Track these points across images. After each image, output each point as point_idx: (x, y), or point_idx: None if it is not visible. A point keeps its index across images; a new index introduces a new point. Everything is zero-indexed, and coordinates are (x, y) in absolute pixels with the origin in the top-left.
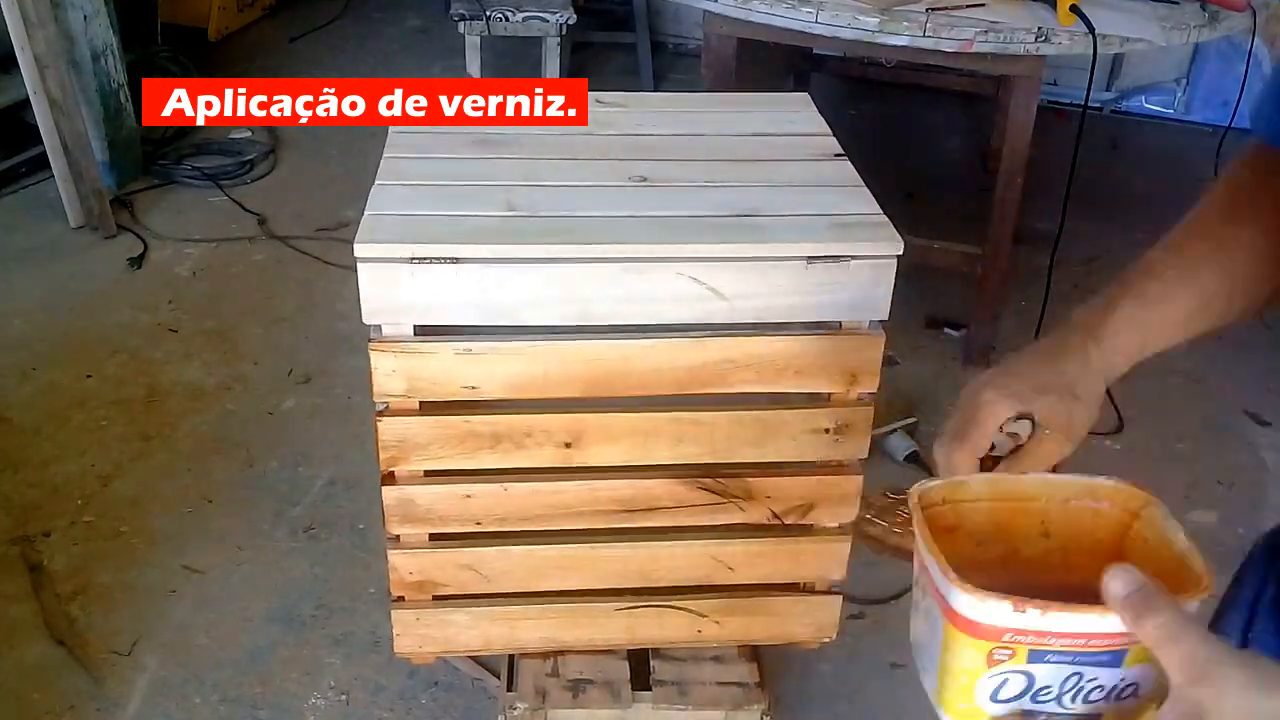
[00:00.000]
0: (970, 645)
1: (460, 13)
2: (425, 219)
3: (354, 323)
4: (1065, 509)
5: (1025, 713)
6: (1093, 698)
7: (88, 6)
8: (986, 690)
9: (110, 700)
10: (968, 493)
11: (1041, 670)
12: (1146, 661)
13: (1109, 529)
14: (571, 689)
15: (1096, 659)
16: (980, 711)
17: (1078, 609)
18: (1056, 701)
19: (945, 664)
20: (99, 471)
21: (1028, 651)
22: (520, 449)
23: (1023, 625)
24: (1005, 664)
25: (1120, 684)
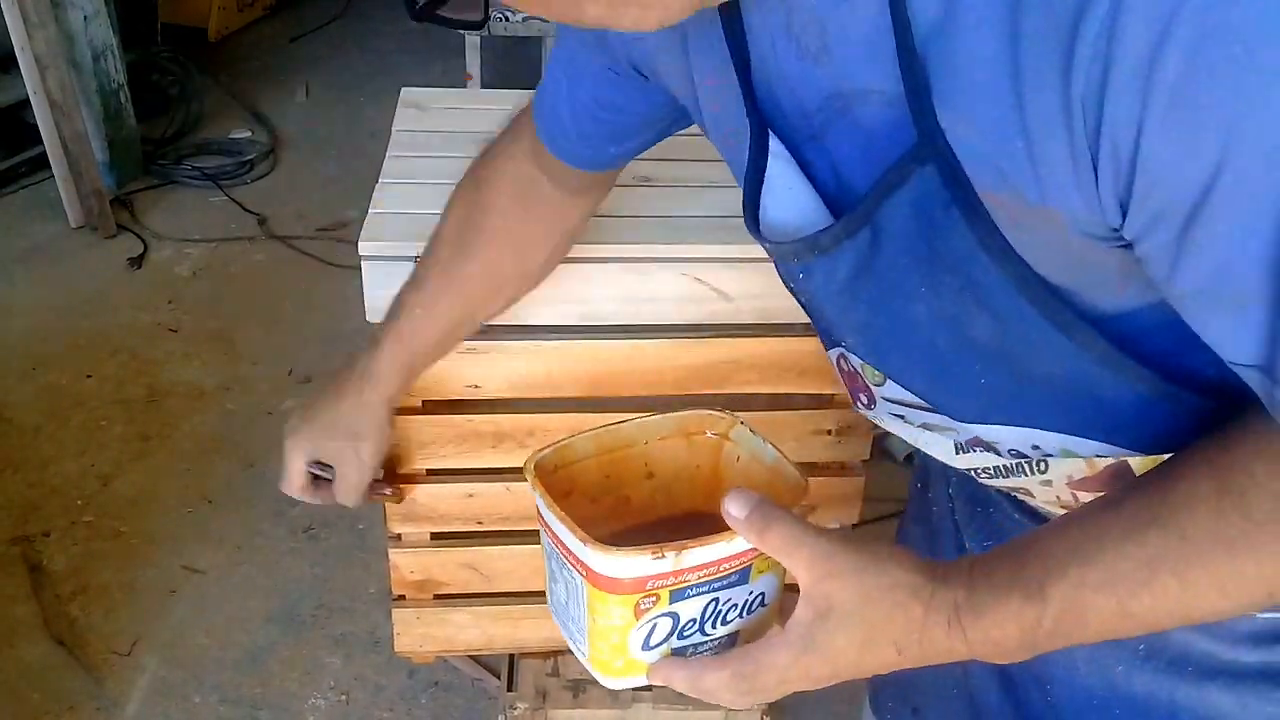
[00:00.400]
0: (617, 603)
1: None
2: (429, 218)
3: (354, 323)
4: (662, 446)
5: (675, 650)
6: (729, 618)
7: (88, 6)
8: (638, 641)
9: (110, 700)
10: (574, 453)
11: (684, 607)
12: (768, 571)
13: (705, 456)
14: (572, 689)
15: (729, 582)
16: (635, 663)
17: (709, 540)
18: (700, 631)
19: (594, 628)
20: (99, 471)
21: (670, 593)
22: (523, 448)
23: (662, 570)
24: (651, 611)
25: (750, 598)
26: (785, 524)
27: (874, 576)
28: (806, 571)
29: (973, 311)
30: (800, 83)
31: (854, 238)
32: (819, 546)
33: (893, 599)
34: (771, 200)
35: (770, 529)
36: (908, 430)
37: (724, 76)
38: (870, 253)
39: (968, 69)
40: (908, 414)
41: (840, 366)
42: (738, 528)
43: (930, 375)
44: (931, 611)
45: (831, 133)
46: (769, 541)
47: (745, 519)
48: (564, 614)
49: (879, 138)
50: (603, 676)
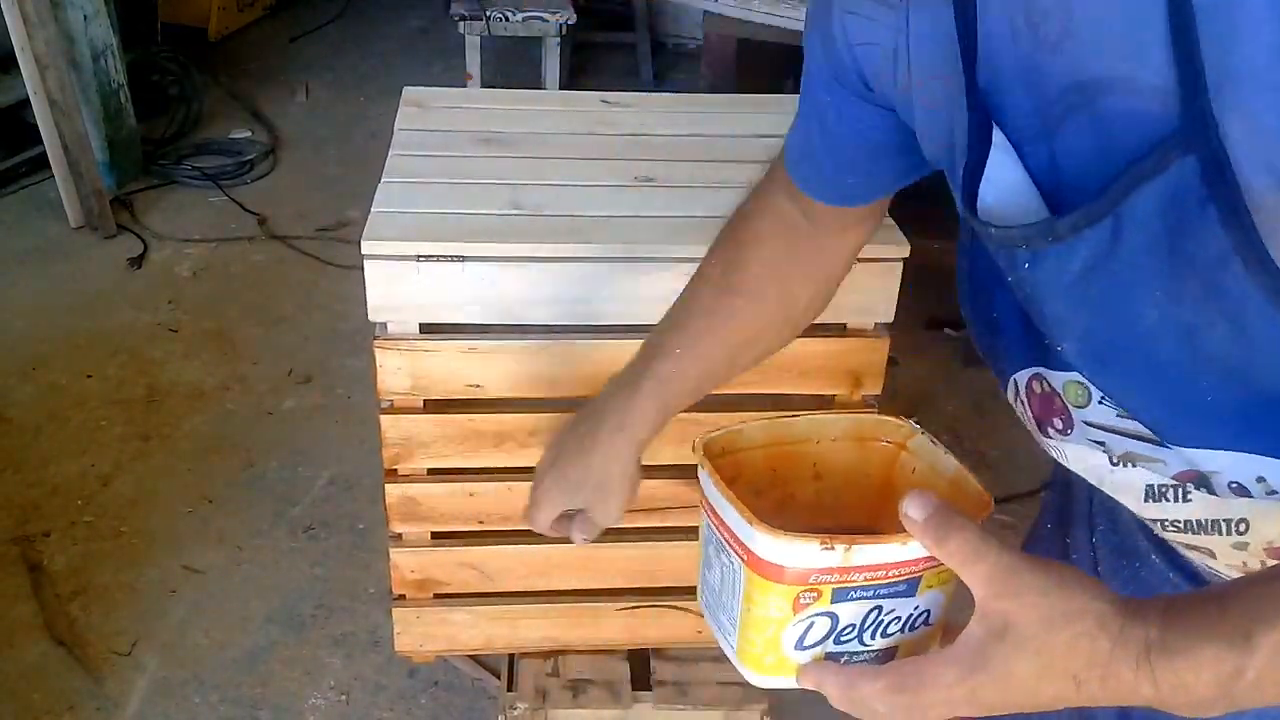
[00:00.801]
0: (776, 593)
1: (460, 13)
2: (431, 217)
3: (354, 322)
4: (834, 449)
5: (828, 654)
6: (890, 631)
7: (88, 6)
8: (793, 638)
9: (110, 700)
10: (744, 440)
11: (845, 609)
12: (937, 587)
13: (877, 464)
14: (572, 689)
15: (895, 590)
16: (787, 661)
17: (881, 540)
18: (858, 639)
19: (748, 619)
20: (99, 471)
21: (832, 591)
22: (524, 448)
23: (829, 564)
24: (811, 608)
25: (914, 613)
26: (967, 533)
27: (1060, 600)
28: (985, 586)
29: (1214, 321)
30: (1035, 74)
31: (1094, 227)
32: (1002, 561)
33: (1078, 627)
34: (988, 189)
35: (951, 537)
36: (1099, 464)
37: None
38: (1109, 247)
39: (1249, 55)
40: (1110, 441)
41: (1031, 389)
42: (915, 531)
43: (1152, 390)
44: (1120, 646)
45: (1066, 127)
46: (948, 550)
47: (924, 522)
48: (716, 604)
49: (1126, 130)
50: (750, 673)
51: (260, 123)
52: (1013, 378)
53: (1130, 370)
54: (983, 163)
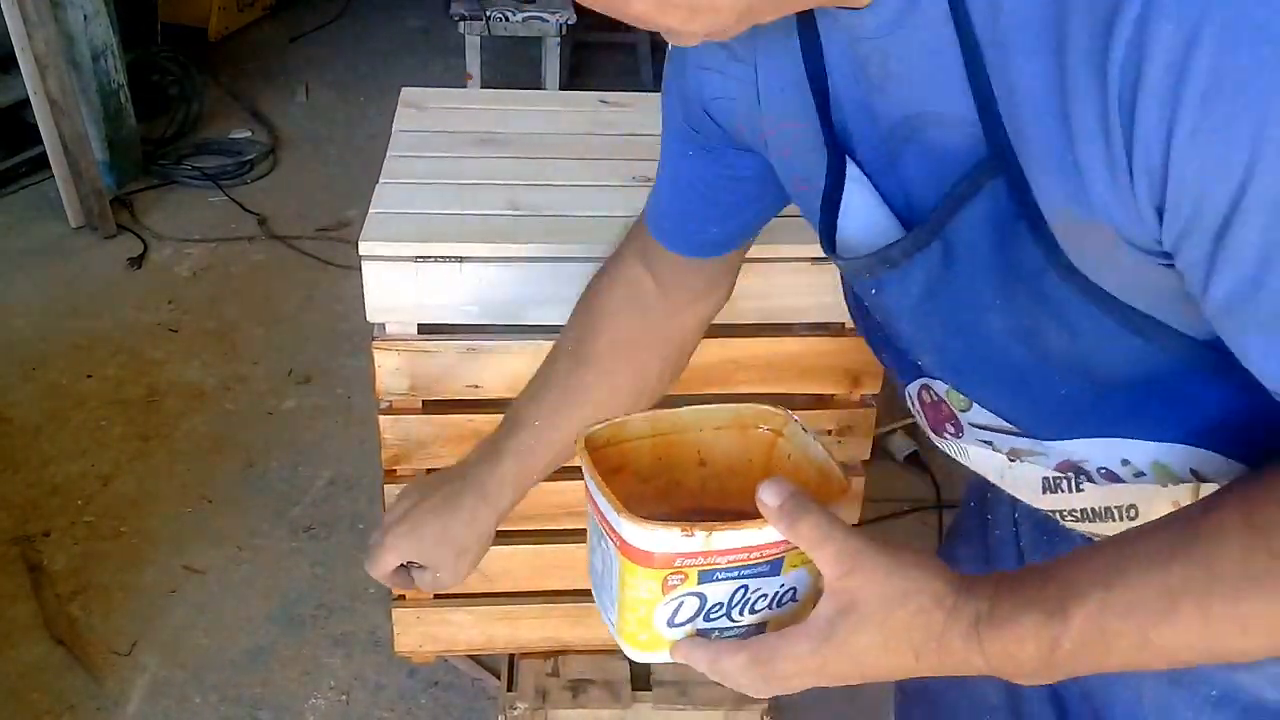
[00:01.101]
0: (646, 576)
1: (460, 13)
2: (429, 218)
3: (354, 323)
4: (716, 435)
5: (700, 631)
6: (758, 607)
7: (88, 6)
8: (664, 616)
9: (110, 700)
10: (630, 432)
11: (712, 589)
12: (801, 566)
13: (758, 450)
14: (572, 689)
15: (759, 570)
16: (659, 638)
17: (739, 525)
18: (726, 616)
19: (623, 599)
20: (99, 471)
21: (698, 573)
22: None
23: (691, 549)
24: (679, 589)
25: (780, 590)
26: (816, 517)
27: (899, 580)
28: (832, 566)
29: (1046, 324)
30: (870, 113)
31: (925, 251)
32: (848, 543)
33: (915, 604)
34: (848, 221)
35: (801, 520)
36: (995, 462)
37: (800, 118)
38: (942, 266)
39: (1023, 84)
40: (995, 440)
41: (922, 399)
42: (769, 516)
43: (1010, 391)
44: (952, 621)
45: (903, 158)
46: (799, 532)
47: (778, 508)
48: (599, 584)
49: (949, 158)
50: (628, 648)
51: (260, 123)
52: (906, 389)
53: (986, 376)
54: (838, 197)
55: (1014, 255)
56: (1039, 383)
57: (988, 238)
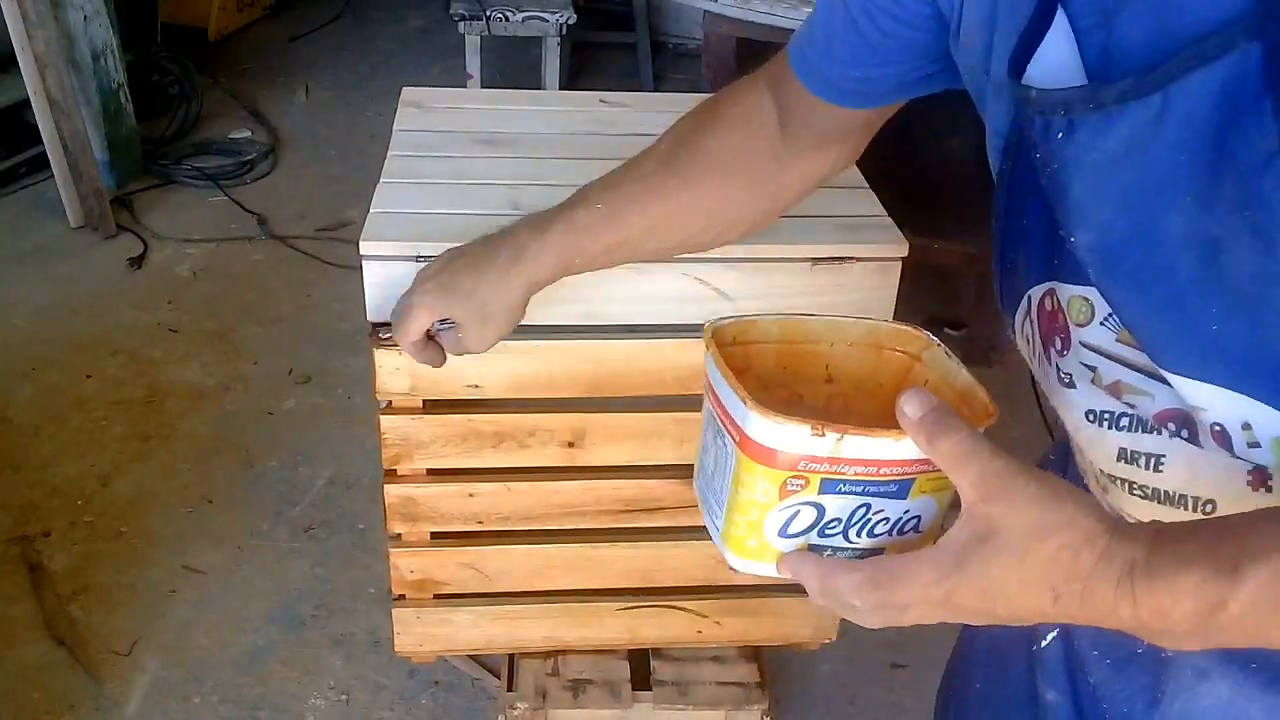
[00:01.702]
0: (764, 475)
1: (460, 13)
2: (430, 217)
3: (354, 322)
4: (848, 353)
5: (812, 546)
6: (877, 531)
7: (87, 6)
8: (776, 524)
9: (110, 700)
10: (756, 333)
11: (832, 501)
12: (929, 494)
13: (891, 372)
14: (572, 689)
15: (885, 489)
16: (768, 547)
17: (873, 432)
18: (843, 535)
19: (735, 500)
20: (99, 472)
21: (820, 481)
22: (523, 448)
23: (819, 451)
24: (797, 495)
25: (904, 516)
26: (961, 433)
27: (1049, 510)
28: (973, 488)
29: (1238, 237)
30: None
31: (1141, 101)
32: (993, 465)
33: (1063, 539)
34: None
35: (944, 436)
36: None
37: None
38: (1150, 129)
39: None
40: (1101, 366)
41: (1042, 306)
42: (909, 429)
43: (1159, 305)
44: (1103, 563)
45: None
46: (939, 449)
47: (919, 420)
48: (707, 487)
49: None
50: (733, 555)
51: (260, 123)
52: (1028, 294)
53: (1140, 278)
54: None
55: (1239, 140)
56: (1196, 307)
57: (1215, 112)
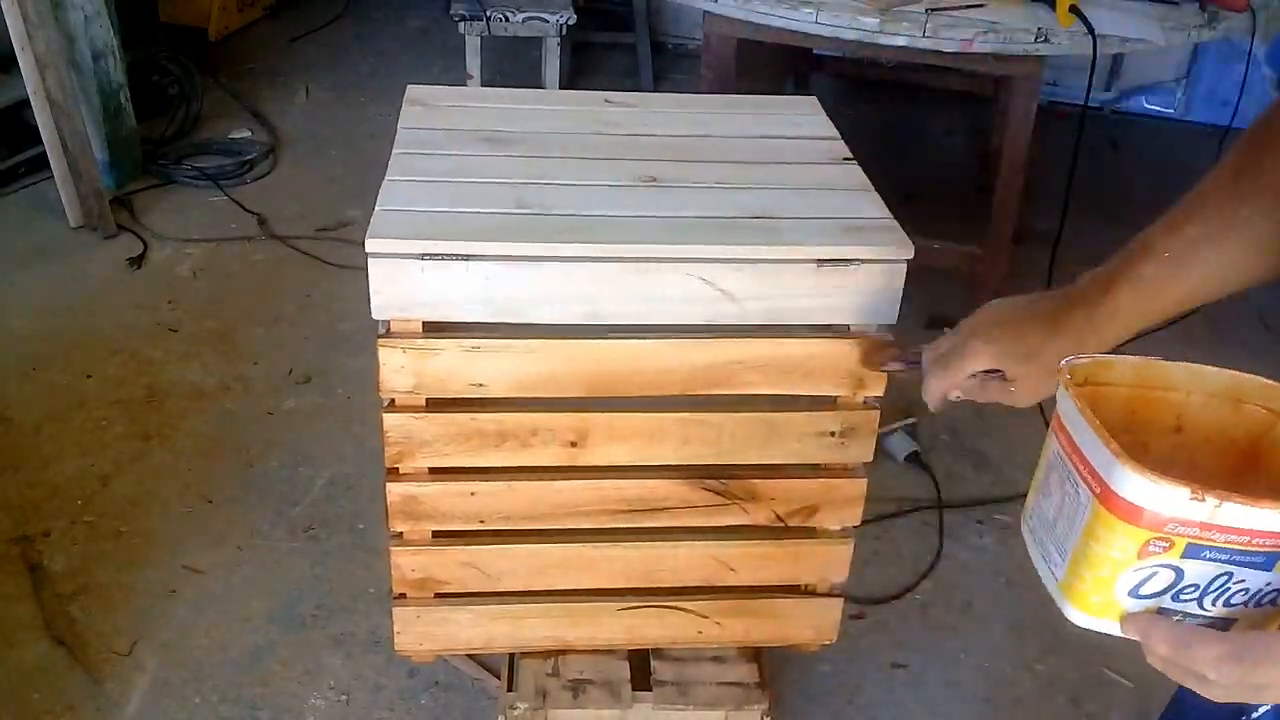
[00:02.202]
0: (1125, 534)
1: (460, 13)
2: (436, 215)
3: (355, 322)
4: (1204, 404)
5: (1161, 610)
6: (1234, 601)
7: (88, 7)
8: (1128, 584)
9: (110, 700)
10: (1113, 375)
11: (1193, 567)
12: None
13: (1246, 430)
14: (572, 689)
15: (1252, 560)
16: (1115, 605)
17: (1259, 502)
18: (1197, 602)
19: (1086, 554)
20: (99, 471)
21: (1186, 545)
22: (526, 447)
23: (1192, 516)
24: (1157, 557)
25: (1265, 589)
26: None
27: None
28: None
29: None
30: None
31: None
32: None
33: None
34: None
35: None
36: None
37: None
38: None
39: None
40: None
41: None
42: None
43: None
44: None
45: None
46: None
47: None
48: (1046, 533)
49: None
50: (1071, 609)
51: (260, 123)
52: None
53: None
54: None
55: None
56: None
57: None
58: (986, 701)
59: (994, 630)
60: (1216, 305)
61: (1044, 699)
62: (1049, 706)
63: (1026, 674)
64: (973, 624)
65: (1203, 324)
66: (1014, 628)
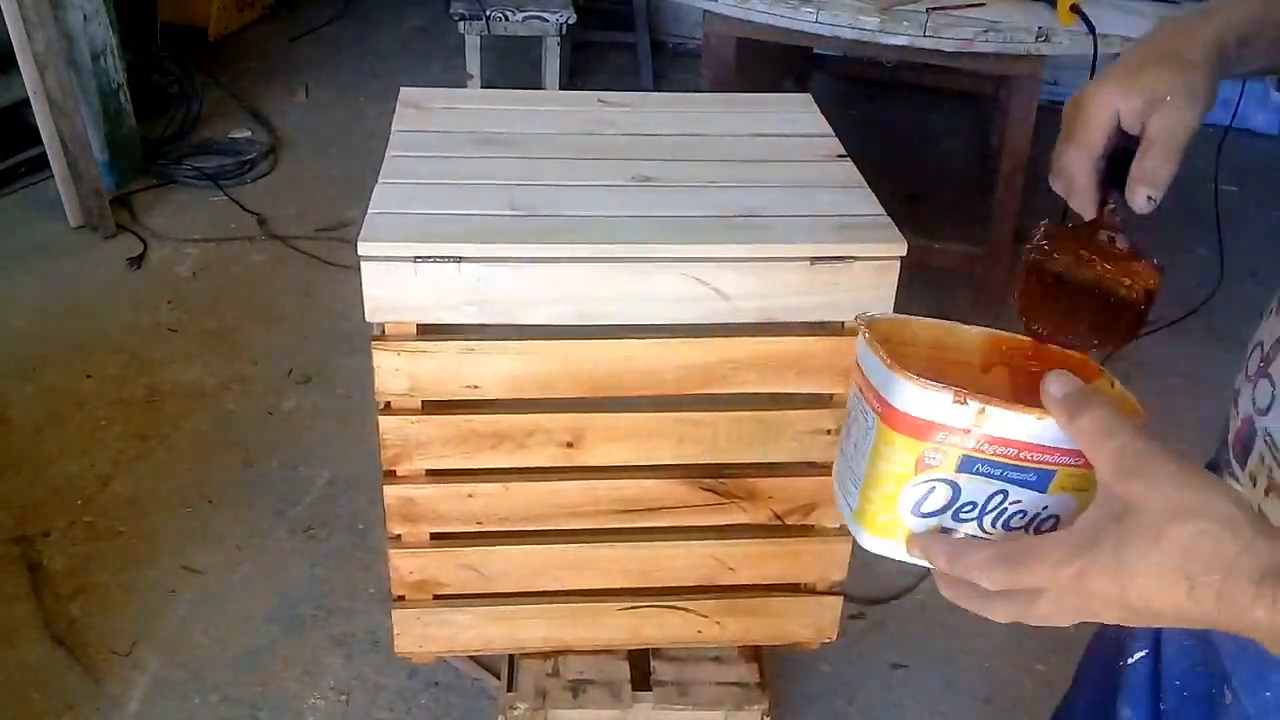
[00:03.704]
0: (902, 446)
1: (460, 12)
2: (429, 218)
3: (354, 322)
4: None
5: (944, 529)
6: (1013, 524)
7: (87, 6)
8: (910, 501)
9: (110, 700)
10: (908, 334)
11: (969, 482)
12: (1069, 491)
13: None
14: (571, 689)
15: (1024, 478)
16: (900, 523)
17: (1015, 407)
18: (977, 522)
19: (872, 474)
20: (99, 472)
21: (959, 457)
22: (522, 448)
23: (959, 422)
24: (934, 469)
25: (1042, 512)
26: (1101, 411)
27: (1189, 491)
28: (1111, 465)
29: None
30: None
31: None
32: (1134, 443)
33: (1202, 525)
34: None
35: (1084, 412)
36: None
37: None
38: None
39: None
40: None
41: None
42: (1050, 404)
43: None
44: (1245, 555)
45: None
46: (1079, 425)
47: (1062, 396)
48: (845, 470)
49: None
50: (863, 533)
51: (260, 123)
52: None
53: None
54: None
55: None
56: None
57: None
58: (987, 702)
59: (994, 630)
60: (1217, 306)
61: (1044, 699)
62: (1049, 706)
63: (1026, 674)
64: (973, 624)
65: (1201, 325)
66: (1014, 628)
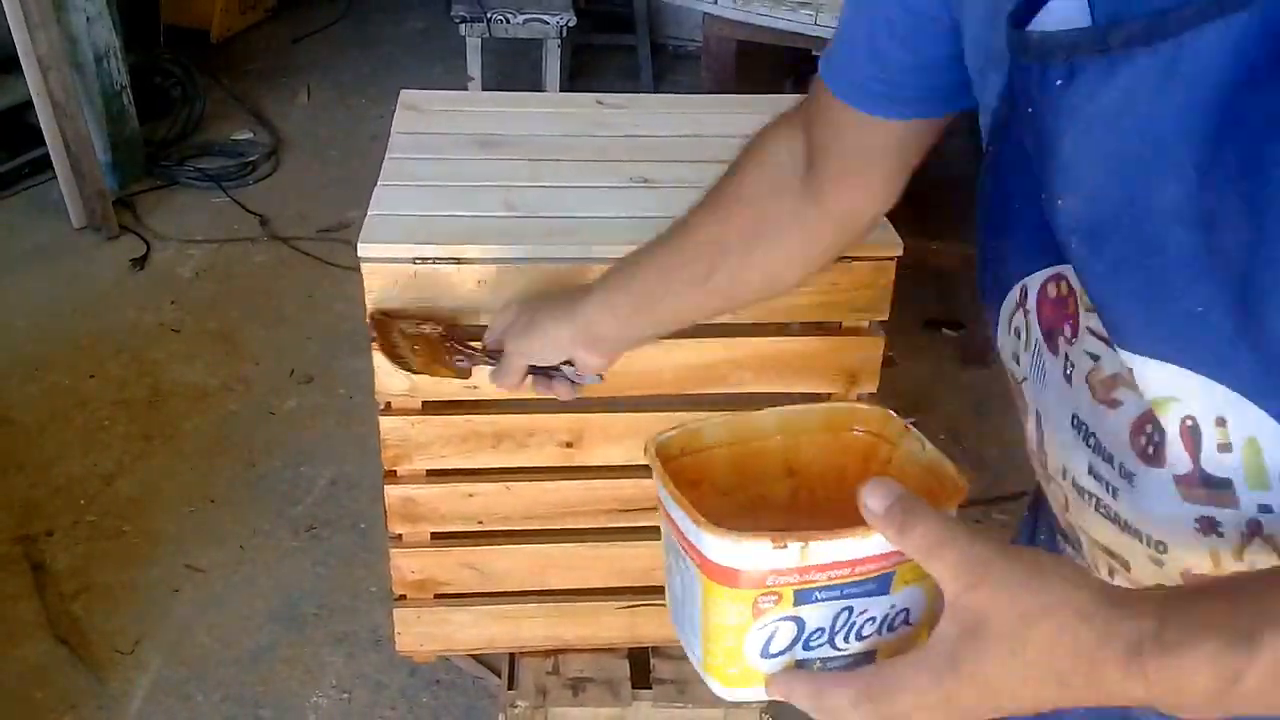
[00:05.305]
0: (733, 599)
1: (461, 15)
2: (428, 219)
3: (355, 323)
4: (807, 442)
5: (800, 662)
6: (865, 632)
7: (90, 8)
8: (756, 646)
9: (112, 699)
10: (705, 439)
11: (811, 612)
12: (914, 583)
13: (855, 456)
14: (572, 687)
15: (864, 589)
16: (752, 671)
17: (838, 534)
18: (829, 644)
19: (708, 627)
20: (102, 471)
21: (793, 593)
22: (522, 448)
23: (785, 564)
24: (771, 612)
25: (891, 612)
26: (931, 521)
27: (1038, 591)
28: (954, 578)
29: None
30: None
31: (1151, 49)
32: (970, 551)
33: (1057, 621)
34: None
35: (913, 526)
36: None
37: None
38: (1157, 81)
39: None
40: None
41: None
42: (875, 523)
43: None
44: (1106, 641)
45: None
46: (910, 540)
47: (884, 511)
48: (680, 614)
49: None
50: (718, 685)
51: (262, 124)
52: (1022, 282)
53: (1126, 250)
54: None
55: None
56: (1182, 284)
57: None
58: None
59: None
60: None
61: None
62: None
63: None
64: None
65: None
66: None
